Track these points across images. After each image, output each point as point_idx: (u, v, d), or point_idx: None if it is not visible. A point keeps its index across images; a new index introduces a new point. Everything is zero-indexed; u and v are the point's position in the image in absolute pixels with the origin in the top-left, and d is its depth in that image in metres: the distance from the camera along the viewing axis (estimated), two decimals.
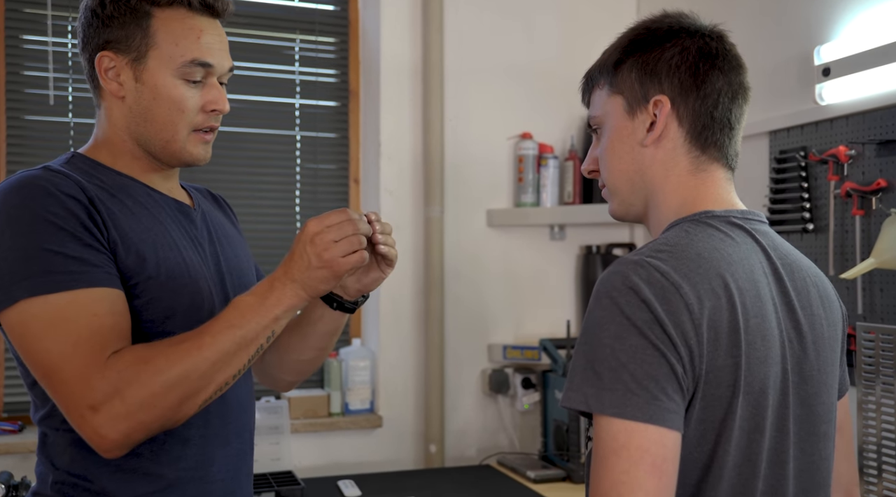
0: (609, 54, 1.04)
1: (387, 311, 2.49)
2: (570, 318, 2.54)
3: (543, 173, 2.57)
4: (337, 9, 2.57)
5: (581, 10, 2.64)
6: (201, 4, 1.14)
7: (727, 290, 0.90)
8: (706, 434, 0.89)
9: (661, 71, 0.99)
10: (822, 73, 1.93)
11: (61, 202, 1.04)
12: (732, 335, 0.89)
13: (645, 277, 0.87)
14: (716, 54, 1.00)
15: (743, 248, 0.96)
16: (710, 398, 0.88)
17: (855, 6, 1.92)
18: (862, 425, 1.69)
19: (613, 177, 1.04)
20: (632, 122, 1.01)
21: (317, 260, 1.06)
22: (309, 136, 2.54)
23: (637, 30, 1.03)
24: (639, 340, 0.85)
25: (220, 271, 1.22)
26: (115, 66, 1.13)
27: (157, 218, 1.15)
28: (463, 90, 2.54)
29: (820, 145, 1.95)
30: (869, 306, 1.82)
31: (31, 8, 2.27)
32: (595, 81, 1.06)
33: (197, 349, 1.02)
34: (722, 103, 1.00)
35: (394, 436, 2.49)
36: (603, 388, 0.85)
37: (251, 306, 1.05)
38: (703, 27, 1.02)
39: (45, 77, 2.27)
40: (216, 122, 1.18)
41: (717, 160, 1.01)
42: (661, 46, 1.00)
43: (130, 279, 1.08)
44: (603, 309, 0.87)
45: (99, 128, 1.19)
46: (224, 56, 1.17)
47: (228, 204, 1.40)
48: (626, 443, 0.83)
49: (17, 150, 2.26)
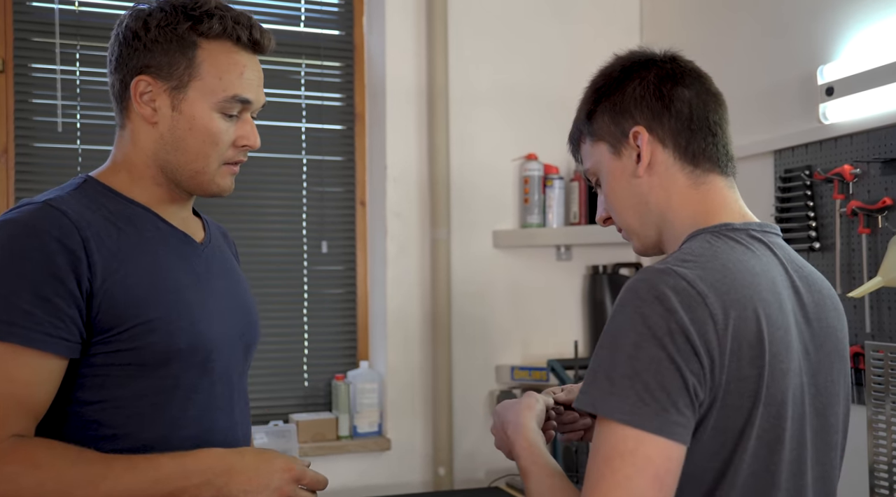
0: (581, 109, 1.10)
1: (394, 334, 2.49)
2: (577, 339, 2.54)
3: (549, 194, 2.57)
4: (342, 34, 2.60)
5: (584, 31, 2.66)
6: (249, 41, 1.14)
7: (752, 301, 0.91)
8: (725, 443, 0.89)
9: (629, 106, 1.03)
10: (825, 93, 1.94)
11: (43, 246, 1.01)
12: (757, 346, 0.90)
13: (672, 285, 0.88)
14: (673, 74, 1.04)
15: (763, 260, 0.97)
16: (729, 408, 0.89)
17: (856, 26, 1.93)
18: (872, 444, 1.68)
19: (623, 216, 1.07)
20: (621, 161, 1.05)
21: (272, 493, 1.04)
22: (315, 160, 2.56)
23: (597, 80, 1.09)
24: (657, 351, 0.85)
25: (229, 308, 1.20)
26: (152, 91, 1.12)
27: (159, 256, 1.12)
28: (468, 112, 2.55)
29: (825, 164, 1.96)
30: (877, 325, 1.81)
31: (39, 37, 2.29)
32: (578, 138, 1.11)
33: (92, 490, 0.98)
34: (696, 114, 1.02)
35: (402, 458, 2.48)
36: (613, 394, 0.86)
37: (169, 478, 1.01)
38: (655, 55, 1.06)
39: (54, 104, 2.29)
40: (244, 157, 1.18)
41: (711, 170, 1.03)
42: (622, 86, 1.05)
43: (121, 325, 1.05)
44: (625, 316, 0.88)
45: (119, 150, 1.17)
46: (260, 92, 1.18)
47: (236, 247, 1.38)
48: (633, 449, 0.84)
49: (26, 177, 2.28)
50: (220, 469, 1.04)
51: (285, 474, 1.06)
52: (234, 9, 1.15)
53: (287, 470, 1.06)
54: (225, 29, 1.12)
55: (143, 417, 1.08)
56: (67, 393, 1.06)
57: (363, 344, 2.61)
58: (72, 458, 1.00)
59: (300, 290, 2.54)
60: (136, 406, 1.08)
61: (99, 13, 2.36)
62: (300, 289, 2.54)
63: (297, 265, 2.54)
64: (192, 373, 1.12)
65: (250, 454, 1.07)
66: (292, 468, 1.07)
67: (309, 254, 2.55)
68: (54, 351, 1.02)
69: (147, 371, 1.08)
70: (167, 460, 1.03)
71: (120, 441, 1.07)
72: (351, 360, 2.58)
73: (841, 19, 1.97)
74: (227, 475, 1.03)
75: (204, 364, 1.13)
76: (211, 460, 1.04)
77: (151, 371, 1.08)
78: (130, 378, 1.07)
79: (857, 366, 1.83)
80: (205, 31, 1.11)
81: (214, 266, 1.21)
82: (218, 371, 1.16)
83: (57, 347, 1.02)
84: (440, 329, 2.48)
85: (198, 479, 1.02)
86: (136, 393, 1.08)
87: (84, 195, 1.11)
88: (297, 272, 2.53)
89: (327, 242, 2.56)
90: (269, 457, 1.07)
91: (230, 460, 1.05)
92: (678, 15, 2.58)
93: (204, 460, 1.04)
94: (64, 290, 1.01)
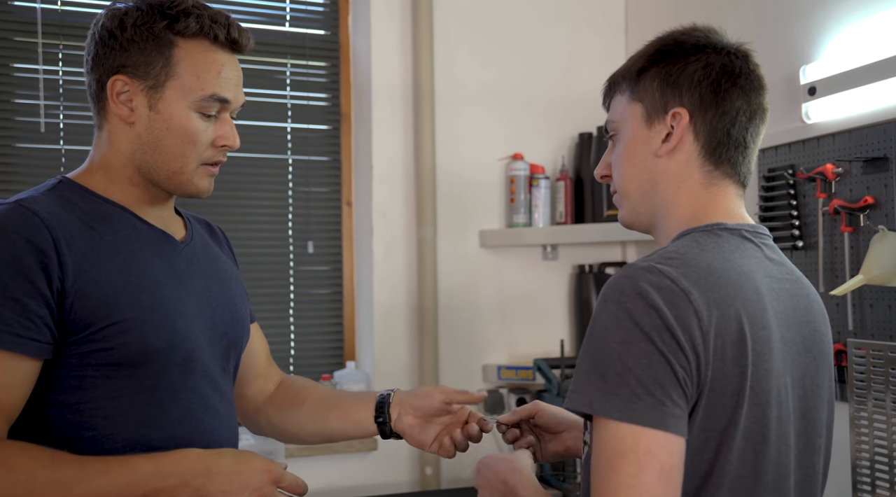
0: (634, 61, 1.04)
1: (381, 333, 2.48)
2: (563, 338, 2.54)
3: (535, 194, 2.58)
4: (328, 33, 2.59)
5: (570, 31, 2.67)
6: (226, 39, 1.13)
7: (735, 300, 0.90)
8: (707, 442, 0.89)
9: (683, 83, 0.99)
10: (807, 92, 1.96)
11: (11, 246, 1.00)
12: (739, 345, 0.89)
13: (654, 283, 0.87)
14: (739, 73, 1.01)
15: (752, 261, 0.96)
16: (713, 406, 0.88)
17: (837, 26, 1.94)
18: (854, 441, 1.70)
19: (625, 183, 1.04)
20: (648, 131, 1.01)
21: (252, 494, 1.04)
22: (301, 160, 2.55)
23: (665, 40, 1.04)
24: (645, 345, 0.85)
25: (209, 306, 1.19)
26: (129, 90, 1.10)
27: (134, 255, 1.11)
28: (454, 112, 2.56)
29: (807, 163, 1.97)
30: (860, 323, 1.83)
31: (21, 36, 2.28)
32: (617, 86, 1.06)
33: (64, 491, 0.97)
34: (739, 122, 1.00)
35: (389, 459, 2.48)
36: (609, 392, 0.85)
37: (145, 479, 1.01)
38: (729, 44, 1.03)
39: (36, 104, 2.28)
40: (223, 157, 1.17)
41: (729, 176, 1.01)
42: (685, 59, 1.00)
43: (93, 325, 1.04)
44: (610, 313, 0.87)
45: (97, 151, 1.16)
46: (239, 91, 1.16)
47: (226, 237, 1.38)
48: (634, 447, 0.83)
49: (8, 178, 2.26)
50: (198, 470, 1.03)
51: (264, 476, 1.06)
52: (211, 8, 1.14)
53: (266, 472, 1.06)
54: (202, 28, 1.11)
55: (122, 418, 1.08)
56: (44, 395, 1.05)
57: (350, 344, 2.60)
58: (44, 462, 0.99)
59: (286, 291, 2.53)
60: (114, 407, 1.07)
61: (82, 13, 2.34)
62: (286, 289, 2.53)
63: (284, 265, 2.53)
64: (173, 373, 1.11)
65: (228, 455, 1.07)
66: (272, 470, 1.07)
67: (295, 254, 2.54)
68: (24, 352, 1.01)
69: (123, 371, 1.07)
70: (142, 462, 1.02)
71: (101, 443, 1.06)
72: (337, 361, 2.58)
73: (822, 19, 1.98)
74: (204, 476, 1.03)
75: (184, 364, 1.12)
76: (188, 461, 1.04)
77: (128, 371, 1.07)
78: (107, 378, 1.06)
79: (840, 363, 1.84)
80: (181, 30, 1.10)
81: (196, 264, 1.20)
82: (199, 371, 1.15)
83: (27, 348, 1.01)
84: (427, 329, 2.49)
85: (174, 480, 1.02)
86: (112, 393, 1.07)
87: (58, 195, 1.10)
88: (284, 272, 2.53)
89: (313, 242, 2.55)
90: (248, 458, 1.07)
91: (208, 461, 1.04)
92: (663, 15, 2.59)
93: (181, 461, 1.04)
94: (34, 290, 1.00)
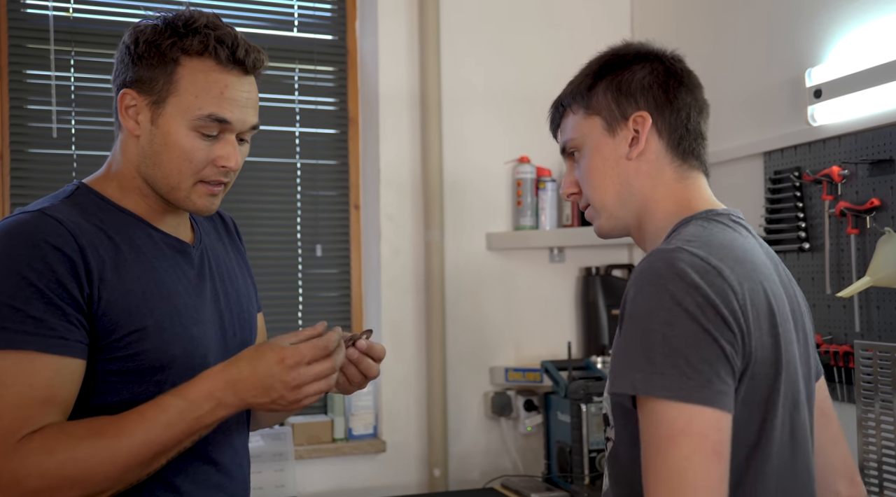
0: (580, 81, 1.10)
1: (388, 336, 2.50)
2: (570, 340, 2.55)
3: (542, 196, 2.59)
4: (335, 38, 2.61)
5: (575, 34, 2.68)
6: (230, 59, 1.12)
7: (756, 274, 0.94)
8: (752, 414, 0.91)
9: (636, 90, 1.05)
10: (813, 95, 1.97)
11: (43, 254, 1.02)
12: (770, 316, 0.93)
13: (689, 262, 0.89)
14: (681, 73, 1.07)
15: (749, 240, 1.01)
16: (758, 377, 0.91)
17: (843, 28, 1.95)
18: (862, 443, 1.70)
19: (600, 194, 1.07)
20: (613, 140, 1.06)
21: (285, 393, 1.02)
22: (309, 164, 2.57)
23: (605, 56, 1.10)
24: (690, 325, 0.86)
25: (220, 309, 1.21)
26: (136, 105, 1.12)
27: (151, 264, 1.13)
28: (460, 116, 2.57)
29: (813, 166, 1.98)
30: (866, 324, 1.83)
31: (34, 43, 2.30)
32: (567, 107, 1.11)
33: (109, 454, 0.99)
34: (692, 117, 1.06)
35: (398, 460, 2.49)
36: (654, 372, 0.85)
37: (181, 414, 1.01)
38: (665, 51, 1.09)
39: (49, 110, 2.30)
40: (225, 178, 1.15)
41: (696, 168, 1.07)
42: (630, 68, 1.06)
43: (115, 333, 1.06)
44: (650, 296, 0.88)
45: (113, 158, 1.18)
46: (247, 113, 1.14)
47: (237, 227, 1.38)
48: (685, 428, 0.83)
49: (21, 183, 2.29)
50: (223, 384, 1.03)
51: (279, 366, 1.02)
52: (224, 27, 1.14)
53: (280, 361, 1.02)
54: (206, 46, 1.10)
55: None
56: None
57: None
58: (80, 433, 1.00)
59: (295, 294, 2.55)
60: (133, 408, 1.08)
61: (93, 20, 2.36)
62: (295, 292, 2.55)
63: (292, 269, 2.55)
64: (187, 376, 1.11)
65: (244, 359, 1.04)
66: (284, 358, 1.02)
67: (303, 257, 2.56)
68: (72, 354, 1.03)
69: (144, 376, 1.09)
70: (171, 399, 1.02)
71: None
72: None
73: (828, 22, 1.99)
74: (231, 387, 1.02)
75: (200, 368, 1.12)
76: (211, 381, 1.03)
77: (148, 376, 1.09)
78: (127, 383, 1.08)
79: (847, 365, 1.85)
80: (187, 48, 1.11)
81: (206, 268, 1.22)
82: None
83: (74, 350, 1.03)
84: (434, 331, 2.50)
85: (208, 405, 1.02)
86: (132, 398, 1.08)
87: (76, 204, 1.12)
88: (292, 276, 2.54)
89: (321, 246, 2.57)
90: (260, 354, 1.04)
91: (227, 373, 1.03)
92: (668, 18, 2.60)
93: (204, 384, 1.03)
94: (69, 297, 1.03)
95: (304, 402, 1.05)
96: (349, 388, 1.20)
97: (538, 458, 2.56)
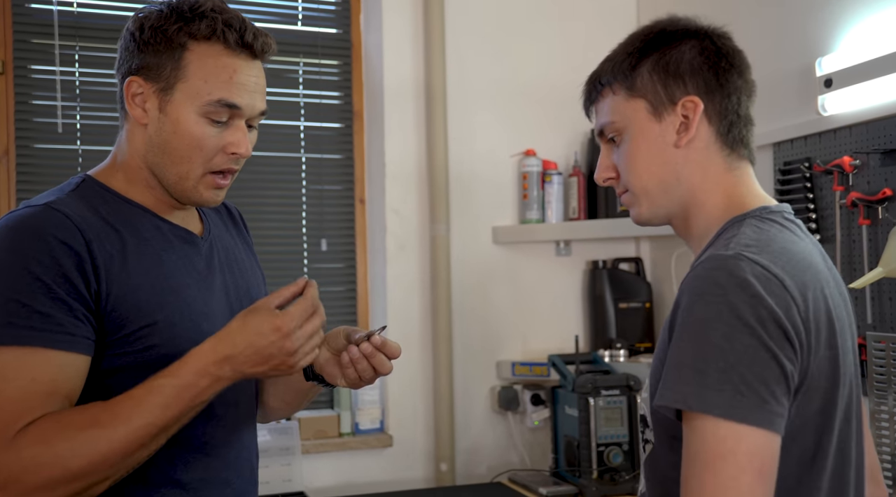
0: (622, 58, 1.01)
1: (394, 330, 2.48)
2: (578, 334, 2.54)
3: (548, 190, 2.57)
4: (340, 32, 2.60)
5: (581, 26, 2.66)
6: (238, 43, 1.09)
7: (816, 282, 0.90)
8: (806, 427, 0.87)
9: (685, 72, 0.98)
10: (824, 85, 1.94)
11: (49, 249, 1.00)
12: (829, 327, 0.89)
13: (751, 271, 0.85)
14: (731, 53, 1.00)
15: (806, 241, 0.96)
16: (812, 391, 0.87)
17: (854, 17, 1.93)
18: (876, 436, 1.69)
19: (643, 181, 1.00)
20: (659, 125, 0.98)
21: (285, 358, 1.01)
22: (314, 158, 2.56)
23: (649, 31, 1.02)
24: (750, 340, 0.82)
25: (230, 301, 1.19)
26: (143, 92, 1.10)
27: (159, 257, 1.11)
28: (466, 109, 2.55)
29: (824, 156, 1.96)
30: (878, 316, 1.81)
31: (38, 38, 2.29)
32: (606, 86, 1.02)
33: (107, 442, 0.97)
34: (742, 101, 1.00)
35: (404, 455, 2.48)
36: (707, 387, 0.82)
37: (177, 394, 0.99)
38: (713, 27, 1.02)
39: (54, 106, 2.30)
40: (235, 165, 1.13)
41: (744, 157, 1.01)
42: (677, 47, 0.99)
43: (124, 328, 1.04)
44: (709, 306, 0.84)
45: (119, 149, 1.16)
46: (256, 98, 1.12)
47: (243, 218, 1.37)
48: (734, 448, 0.80)
49: (27, 178, 2.28)
50: (217, 358, 1.00)
51: (275, 335, 1.00)
52: (230, 10, 1.12)
53: (275, 330, 1.00)
54: (214, 30, 1.08)
55: None
56: None
57: None
58: (77, 423, 0.98)
59: None
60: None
61: (97, 14, 2.36)
62: None
63: (297, 263, 2.54)
64: None
65: (236, 331, 1.01)
66: (280, 326, 1.00)
67: (309, 252, 2.55)
68: (78, 350, 1.01)
69: (151, 371, 1.06)
70: (164, 380, 1.00)
71: None
72: None
73: (839, 11, 1.97)
74: (228, 362, 1.00)
75: None
76: (204, 358, 1.01)
77: (156, 371, 1.06)
78: (135, 379, 1.05)
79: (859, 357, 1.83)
80: (194, 33, 1.08)
81: (214, 260, 1.20)
82: None
83: (80, 346, 1.01)
84: (440, 325, 2.49)
85: (204, 382, 1.00)
86: None
87: (82, 197, 1.10)
88: (297, 270, 2.53)
89: (327, 240, 2.56)
90: (256, 324, 1.01)
91: (222, 350, 1.01)
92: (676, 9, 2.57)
93: (197, 362, 1.00)
94: (75, 292, 1.01)
95: (302, 362, 1.04)
96: (359, 383, 1.19)
97: (545, 452, 2.55)
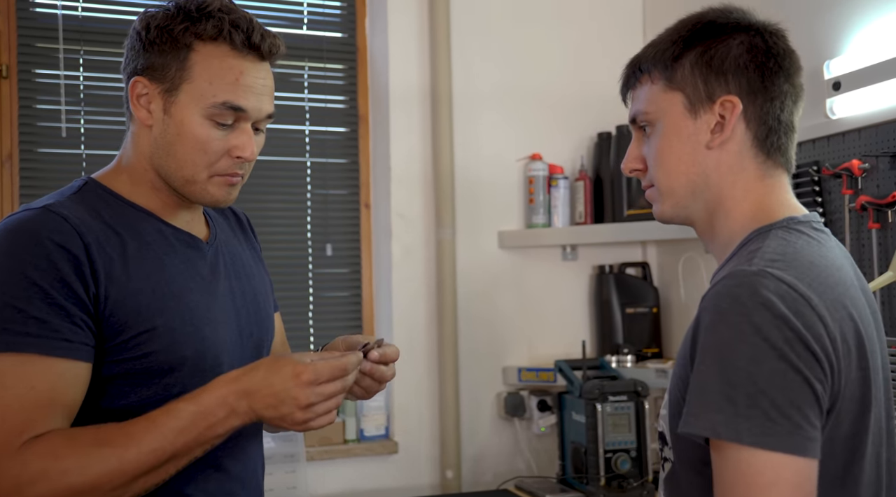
0: (665, 46, 0.97)
1: (400, 336, 2.47)
2: (584, 339, 2.52)
3: (554, 194, 2.56)
4: (345, 36, 2.59)
5: (587, 31, 2.65)
6: (245, 44, 1.07)
7: (844, 299, 0.85)
8: (835, 450, 0.84)
9: (728, 69, 0.93)
10: (832, 88, 1.93)
11: (47, 253, 0.98)
12: (860, 347, 0.85)
13: (775, 290, 0.80)
14: (782, 54, 0.95)
15: (836, 252, 0.92)
16: (843, 414, 0.83)
17: (862, 20, 1.92)
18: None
19: (670, 178, 0.96)
20: (694, 122, 0.94)
21: (295, 411, 0.98)
22: (319, 163, 2.55)
23: (696, 21, 0.97)
24: (778, 364, 0.78)
25: (236, 308, 1.17)
26: (148, 93, 1.08)
27: (161, 261, 1.09)
28: (471, 113, 2.55)
29: (833, 159, 1.94)
30: (889, 320, 1.79)
31: (43, 42, 2.29)
32: (645, 73, 0.98)
33: (118, 461, 0.95)
34: (787, 106, 0.95)
35: (410, 462, 2.46)
36: (737, 415, 0.78)
37: (193, 421, 0.97)
38: (766, 24, 0.97)
39: (58, 110, 2.29)
40: (241, 170, 1.11)
41: (780, 165, 0.96)
42: (724, 42, 0.94)
43: (123, 333, 1.02)
44: (732, 327, 0.80)
45: (124, 151, 1.14)
46: (263, 101, 1.10)
47: (251, 223, 1.35)
48: (776, 480, 0.76)
49: (31, 182, 2.28)
50: (238, 392, 0.99)
51: (293, 381, 0.98)
52: (238, 10, 1.10)
53: (294, 376, 0.98)
54: (220, 31, 1.06)
55: None
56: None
57: None
58: (89, 440, 0.96)
59: (305, 293, 2.53)
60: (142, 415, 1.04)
61: (102, 18, 2.35)
62: (305, 292, 2.53)
63: (302, 268, 2.53)
64: (199, 378, 1.08)
65: (262, 368, 1.00)
66: (300, 373, 0.98)
67: (314, 257, 2.54)
68: (77, 357, 0.99)
69: (153, 379, 1.05)
70: (183, 405, 0.98)
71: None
72: None
73: (847, 13, 1.95)
74: (246, 396, 0.98)
75: (211, 369, 1.09)
76: (226, 388, 0.99)
77: (157, 378, 1.05)
78: (136, 386, 1.04)
79: None
80: (200, 33, 1.06)
81: (220, 265, 1.18)
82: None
83: (79, 353, 0.99)
84: (446, 330, 2.47)
85: (222, 413, 0.98)
86: (140, 402, 1.04)
87: (82, 200, 1.08)
88: (302, 275, 2.52)
89: (332, 245, 2.55)
90: (278, 367, 0.99)
91: (243, 381, 0.99)
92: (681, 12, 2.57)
93: (219, 390, 0.99)
94: (73, 296, 0.99)
95: (313, 423, 1.00)
96: (365, 396, 1.17)
97: (552, 458, 2.53)
